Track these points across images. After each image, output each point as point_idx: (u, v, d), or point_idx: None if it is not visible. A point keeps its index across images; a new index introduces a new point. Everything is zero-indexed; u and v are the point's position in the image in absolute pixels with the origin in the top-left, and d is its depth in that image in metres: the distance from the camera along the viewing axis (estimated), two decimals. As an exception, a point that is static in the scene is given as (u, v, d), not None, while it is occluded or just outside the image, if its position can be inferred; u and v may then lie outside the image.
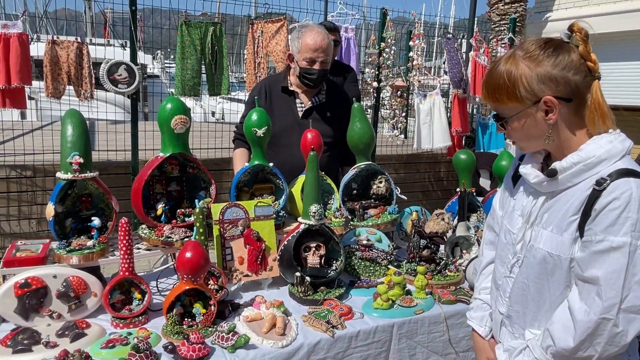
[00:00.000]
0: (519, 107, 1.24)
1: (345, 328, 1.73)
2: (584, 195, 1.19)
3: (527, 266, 1.32)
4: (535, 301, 1.31)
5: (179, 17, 4.64)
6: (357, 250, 2.15)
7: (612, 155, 1.18)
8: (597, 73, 1.21)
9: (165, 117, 1.90)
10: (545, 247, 1.26)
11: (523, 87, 1.21)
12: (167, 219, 1.98)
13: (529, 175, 1.32)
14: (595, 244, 1.15)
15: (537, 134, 1.26)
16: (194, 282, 1.62)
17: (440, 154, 6.44)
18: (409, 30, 6.45)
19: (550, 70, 1.19)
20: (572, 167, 1.21)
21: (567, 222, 1.22)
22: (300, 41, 2.49)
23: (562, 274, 1.24)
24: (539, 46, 1.22)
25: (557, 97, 1.19)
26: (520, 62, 1.22)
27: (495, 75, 1.26)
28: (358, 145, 2.34)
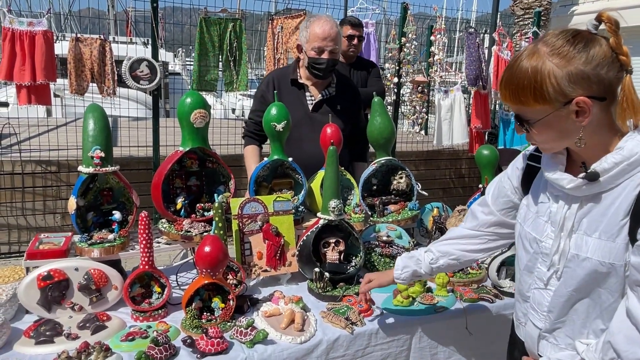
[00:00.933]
0: (547, 110, 1.13)
1: (365, 325, 1.70)
2: (632, 196, 1.10)
3: (572, 277, 1.22)
4: (584, 311, 1.22)
5: (198, 14, 4.67)
6: (377, 246, 2.12)
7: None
8: (630, 67, 1.11)
9: (185, 111, 1.90)
10: (595, 256, 1.16)
11: (552, 87, 1.10)
12: (186, 213, 1.98)
13: (562, 180, 1.20)
14: None
15: (565, 136, 1.16)
16: (213, 277, 1.62)
17: (462, 150, 6.35)
18: (430, 25, 6.36)
19: (583, 69, 1.08)
20: (614, 167, 1.12)
21: (617, 227, 1.13)
22: (308, 31, 2.45)
23: (617, 281, 1.15)
24: (567, 41, 1.11)
25: (591, 96, 1.09)
26: (547, 60, 1.10)
27: (518, 75, 1.14)
28: (378, 139, 2.31)
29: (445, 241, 1.60)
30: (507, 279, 2.01)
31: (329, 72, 2.51)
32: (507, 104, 1.22)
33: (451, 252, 1.56)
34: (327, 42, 2.40)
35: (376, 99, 2.35)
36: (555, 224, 1.24)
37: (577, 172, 1.17)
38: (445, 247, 1.58)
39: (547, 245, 1.26)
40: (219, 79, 4.86)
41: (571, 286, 1.22)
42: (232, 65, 4.72)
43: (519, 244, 1.37)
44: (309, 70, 2.51)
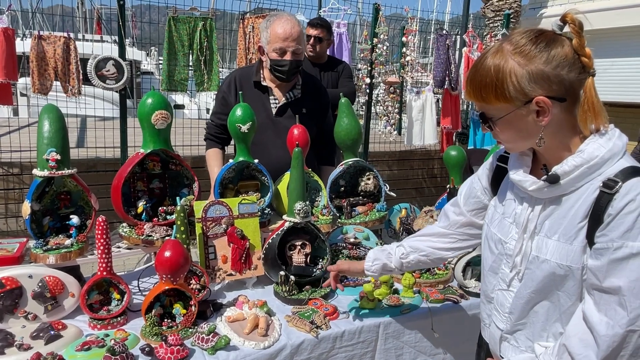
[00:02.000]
0: (508, 108, 1.13)
1: (330, 328, 1.69)
2: (591, 199, 1.10)
3: (532, 279, 1.21)
4: (544, 314, 1.22)
5: (167, 13, 4.59)
6: (344, 248, 2.11)
7: (615, 154, 1.10)
8: (592, 69, 1.11)
9: (146, 112, 1.85)
10: (553, 258, 1.16)
11: (513, 86, 1.10)
12: (148, 217, 1.93)
13: (525, 182, 1.20)
14: (613, 251, 1.05)
15: (527, 135, 1.16)
16: (174, 282, 1.57)
17: (434, 150, 6.42)
18: (402, 26, 6.41)
19: (543, 68, 1.08)
20: (574, 170, 1.11)
21: (575, 230, 1.13)
22: (269, 31, 2.35)
23: (574, 284, 1.14)
24: (530, 40, 1.10)
25: (550, 97, 1.09)
26: (510, 58, 1.10)
27: (482, 72, 1.13)
28: (346, 141, 2.30)
29: (417, 237, 1.62)
30: (472, 279, 2.02)
31: (293, 74, 2.42)
32: (471, 101, 1.22)
33: (422, 249, 1.58)
34: (289, 42, 2.32)
35: (343, 100, 2.33)
36: (519, 226, 1.24)
37: (541, 175, 1.17)
38: (417, 243, 1.60)
39: (511, 246, 1.26)
40: (190, 79, 4.79)
41: (531, 288, 1.22)
42: (203, 65, 4.66)
43: (485, 245, 1.37)
44: (272, 72, 2.43)
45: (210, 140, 2.59)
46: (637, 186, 1.04)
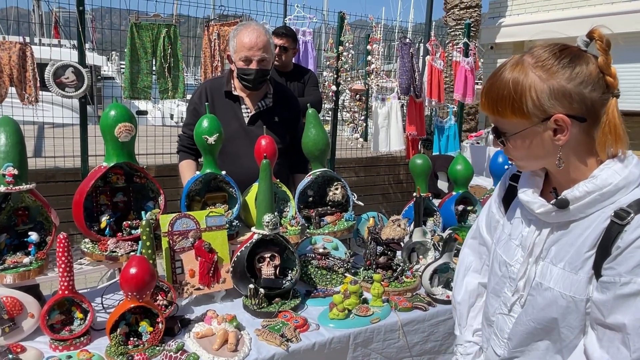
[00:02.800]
0: (524, 124, 1.07)
1: (301, 341, 1.68)
2: (600, 228, 1.04)
3: (534, 307, 1.16)
4: (544, 344, 1.16)
5: (129, 18, 4.49)
6: (314, 258, 2.12)
7: (630, 182, 1.04)
8: (617, 90, 1.04)
9: (109, 125, 1.80)
10: (557, 287, 1.10)
11: (532, 101, 1.04)
12: (112, 232, 1.88)
13: (533, 204, 1.14)
14: (620, 286, 0.99)
15: (541, 154, 1.10)
16: (140, 300, 1.54)
17: (400, 156, 6.52)
18: (367, 34, 6.49)
19: (565, 85, 1.02)
20: (586, 196, 1.05)
21: (582, 259, 1.07)
22: (236, 40, 2.37)
23: (577, 316, 1.08)
24: (553, 54, 1.05)
25: (570, 115, 1.03)
26: (530, 72, 1.05)
27: (499, 85, 1.07)
28: (313, 151, 2.30)
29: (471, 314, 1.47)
30: (439, 287, 2.06)
31: (259, 82, 2.43)
32: (485, 113, 1.15)
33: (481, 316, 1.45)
34: (255, 51, 2.33)
35: (310, 110, 2.34)
36: (524, 249, 1.19)
37: (551, 197, 1.13)
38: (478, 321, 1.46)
39: (515, 269, 1.21)
40: (153, 86, 4.70)
41: (531, 315, 1.17)
42: (167, 72, 4.58)
43: (491, 266, 1.32)
44: (239, 81, 2.44)
45: (183, 152, 2.57)
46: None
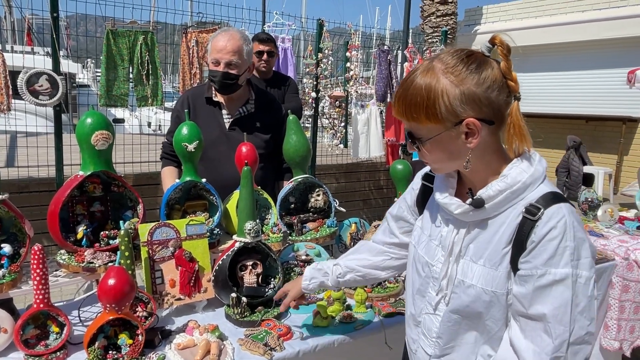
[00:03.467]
0: (438, 129, 1.11)
1: (285, 349, 1.66)
2: (514, 225, 1.11)
3: (458, 303, 1.20)
4: (472, 337, 1.21)
5: (105, 25, 4.42)
6: (296, 266, 2.10)
7: (536, 179, 1.12)
8: (518, 93, 1.10)
9: (85, 133, 1.76)
10: (479, 284, 1.15)
11: (444, 106, 1.07)
12: (89, 242, 1.83)
13: (451, 205, 1.19)
14: (537, 278, 1.06)
15: (455, 157, 1.15)
16: (119, 311, 1.50)
17: (380, 162, 6.56)
18: (346, 41, 6.53)
19: (475, 90, 1.07)
20: (499, 195, 1.12)
21: (500, 256, 1.13)
22: (210, 44, 2.42)
23: (500, 309, 1.14)
24: (461, 60, 1.09)
25: (480, 119, 1.08)
26: (442, 77, 1.08)
27: (413, 91, 1.10)
28: (294, 158, 2.30)
29: (353, 256, 1.62)
30: (422, 291, 2.06)
31: (225, 86, 2.41)
32: (400, 119, 1.18)
33: (357, 269, 1.57)
34: (223, 54, 2.34)
35: (291, 117, 2.33)
36: (445, 249, 1.24)
37: (467, 197, 1.17)
38: (352, 263, 1.59)
39: (437, 269, 1.25)
40: (130, 94, 4.63)
41: (457, 312, 1.21)
42: (145, 80, 4.52)
43: (412, 267, 1.36)
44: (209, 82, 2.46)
45: (166, 159, 2.55)
46: (558, 213, 1.06)
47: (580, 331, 1.05)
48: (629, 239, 2.84)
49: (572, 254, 1.04)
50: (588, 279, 1.05)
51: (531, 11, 10.04)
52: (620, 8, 8.60)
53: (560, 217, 1.05)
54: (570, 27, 9.04)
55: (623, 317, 2.64)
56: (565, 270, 1.04)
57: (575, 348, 1.05)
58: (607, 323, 2.67)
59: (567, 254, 1.04)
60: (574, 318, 1.04)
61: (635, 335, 2.68)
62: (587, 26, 8.83)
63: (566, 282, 1.04)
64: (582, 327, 1.05)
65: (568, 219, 1.05)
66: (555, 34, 9.29)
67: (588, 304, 1.06)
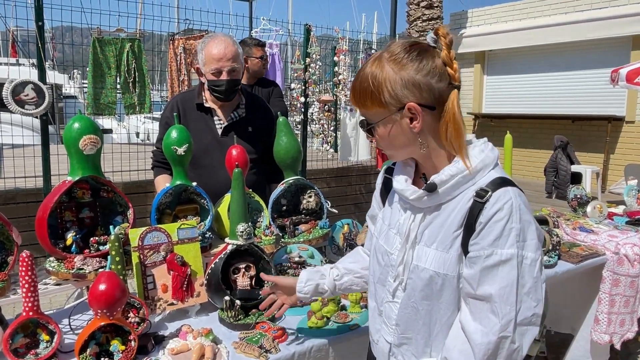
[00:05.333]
0: (383, 113, 1.17)
1: (280, 351, 1.65)
2: (465, 209, 1.14)
3: (414, 288, 1.22)
4: (427, 326, 1.22)
5: (90, 34, 4.40)
6: (289, 268, 2.09)
7: (486, 165, 1.16)
8: (457, 82, 1.14)
9: (73, 137, 1.74)
10: (431, 267, 1.18)
11: (387, 92, 1.14)
12: (78, 249, 1.81)
13: (406, 191, 1.23)
14: (484, 259, 1.09)
15: (403, 142, 1.19)
16: (110, 317, 1.47)
17: (370, 165, 6.57)
18: (333, 46, 6.56)
19: (414, 76, 1.12)
20: (450, 179, 1.15)
21: (451, 239, 1.16)
22: (204, 53, 2.36)
23: (451, 293, 1.17)
24: (404, 49, 1.15)
25: (421, 104, 1.13)
26: (386, 65, 1.15)
27: (362, 79, 1.18)
28: (285, 160, 2.29)
29: (349, 259, 1.62)
30: (416, 290, 2.06)
31: (231, 93, 2.42)
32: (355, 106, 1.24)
33: (355, 271, 1.56)
34: (224, 62, 2.32)
35: (281, 119, 2.33)
36: (402, 236, 1.26)
37: (422, 185, 1.21)
38: (350, 265, 1.58)
39: (394, 257, 1.28)
40: (118, 102, 4.60)
41: (413, 297, 1.23)
42: (132, 87, 4.50)
43: (373, 257, 1.38)
44: (211, 93, 2.42)
45: (158, 167, 2.52)
46: (504, 195, 1.09)
47: (527, 312, 1.08)
48: (618, 233, 2.87)
49: (517, 235, 1.07)
50: (534, 260, 1.09)
51: (515, 14, 10.17)
52: (602, 9, 8.75)
53: (507, 200, 1.08)
54: (554, 28, 9.18)
55: (613, 311, 2.66)
56: (510, 251, 1.07)
57: (523, 329, 1.08)
58: (597, 317, 2.69)
59: (513, 235, 1.07)
60: (520, 299, 1.07)
61: (626, 329, 2.70)
62: (571, 28, 8.97)
63: (512, 263, 1.07)
64: (528, 308, 1.08)
65: (514, 202, 1.08)
66: (539, 36, 9.42)
67: (534, 285, 1.09)
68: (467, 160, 1.15)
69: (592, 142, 9.11)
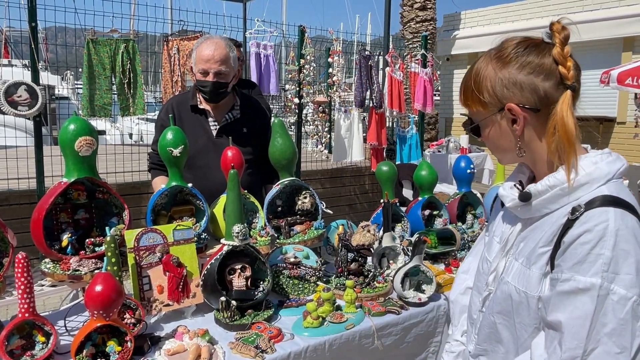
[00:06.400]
0: (484, 113, 1.09)
1: (276, 351, 1.66)
2: (558, 224, 1.01)
3: (495, 301, 1.14)
4: (504, 343, 1.13)
5: (85, 35, 4.38)
6: (285, 268, 2.10)
7: (594, 179, 1.00)
8: (570, 81, 1.01)
9: (68, 139, 1.74)
10: (513, 282, 1.08)
11: (487, 91, 1.06)
12: (74, 250, 1.80)
13: (506, 197, 1.13)
14: (560, 282, 0.97)
15: (505, 144, 1.11)
16: (107, 318, 1.47)
17: (364, 166, 6.59)
18: (327, 47, 6.58)
19: (516, 74, 1.03)
20: (547, 191, 1.03)
21: (536, 255, 1.05)
22: (196, 52, 2.40)
23: (529, 314, 1.05)
24: (513, 44, 1.06)
25: (522, 105, 1.03)
26: (489, 63, 1.07)
27: (467, 76, 1.11)
28: (280, 161, 2.30)
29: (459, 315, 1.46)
30: (411, 290, 2.08)
31: (216, 95, 2.42)
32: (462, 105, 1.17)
33: None
34: (211, 63, 2.34)
35: (276, 120, 2.34)
36: (501, 243, 1.19)
37: None
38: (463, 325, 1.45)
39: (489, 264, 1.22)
40: (114, 103, 4.59)
41: (493, 310, 1.16)
42: (127, 89, 4.49)
43: (479, 264, 1.32)
44: (199, 93, 2.44)
45: (155, 169, 2.52)
46: (600, 216, 0.95)
47: (605, 356, 0.91)
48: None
49: (606, 264, 0.92)
50: (624, 298, 0.91)
51: (508, 16, 10.24)
52: (594, 11, 8.83)
53: (601, 221, 0.94)
54: (546, 30, 9.24)
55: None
56: (592, 280, 0.92)
57: None
58: None
59: (600, 263, 0.92)
60: (596, 338, 0.92)
61: None
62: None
63: (590, 293, 0.92)
64: (608, 352, 0.91)
65: (612, 225, 0.93)
66: (532, 38, 9.48)
67: (620, 328, 0.90)
68: (573, 171, 1.00)
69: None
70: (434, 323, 2.03)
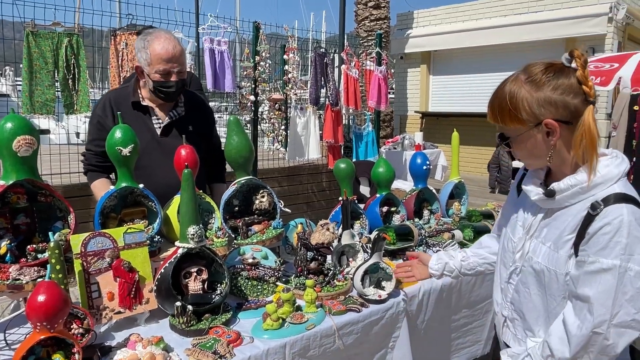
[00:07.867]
0: (521, 129, 1.32)
1: (235, 356, 1.61)
2: (580, 217, 1.29)
3: (526, 275, 1.45)
4: (536, 309, 1.43)
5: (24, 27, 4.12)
6: (243, 269, 2.04)
7: (607, 180, 1.27)
8: (592, 97, 1.27)
9: (5, 138, 1.61)
10: (543, 262, 1.38)
11: (524, 110, 1.29)
12: (14, 257, 1.68)
13: (531, 192, 1.41)
14: (587, 264, 1.25)
15: (539, 154, 1.35)
16: (51, 330, 1.38)
17: (322, 164, 6.59)
18: (282, 44, 6.52)
19: (550, 95, 1.26)
20: (569, 189, 1.30)
21: (563, 241, 1.33)
22: (148, 52, 2.24)
23: (559, 287, 1.35)
24: (541, 70, 1.30)
25: (557, 119, 1.27)
26: (523, 86, 1.29)
27: (500, 97, 1.33)
28: (237, 159, 2.24)
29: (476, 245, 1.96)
30: (371, 287, 2.08)
31: (179, 94, 2.35)
32: (492, 123, 1.39)
33: (482, 254, 1.90)
34: (173, 63, 2.23)
35: (232, 117, 2.28)
36: (524, 228, 1.47)
37: None
38: (478, 250, 1.92)
39: (514, 244, 1.50)
40: (57, 100, 4.35)
41: (525, 282, 1.46)
42: (71, 85, 4.26)
43: (501, 241, 1.62)
44: (156, 94, 2.31)
45: (92, 171, 2.37)
46: (615, 212, 1.22)
47: (626, 317, 1.22)
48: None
49: (623, 248, 1.20)
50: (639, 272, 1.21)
51: (458, 16, 10.53)
52: (539, 13, 9.22)
53: (617, 216, 1.22)
54: (495, 30, 9.58)
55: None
56: (613, 262, 1.21)
57: (620, 330, 1.23)
58: None
59: (618, 249, 1.21)
60: (619, 304, 1.21)
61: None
62: (510, 30, 9.39)
63: (612, 272, 1.21)
64: (627, 313, 1.22)
65: (626, 218, 1.21)
66: (481, 37, 9.80)
67: (637, 294, 1.21)
68: (593, 173, 1.27)
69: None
70: (394, 319, 2.04)
